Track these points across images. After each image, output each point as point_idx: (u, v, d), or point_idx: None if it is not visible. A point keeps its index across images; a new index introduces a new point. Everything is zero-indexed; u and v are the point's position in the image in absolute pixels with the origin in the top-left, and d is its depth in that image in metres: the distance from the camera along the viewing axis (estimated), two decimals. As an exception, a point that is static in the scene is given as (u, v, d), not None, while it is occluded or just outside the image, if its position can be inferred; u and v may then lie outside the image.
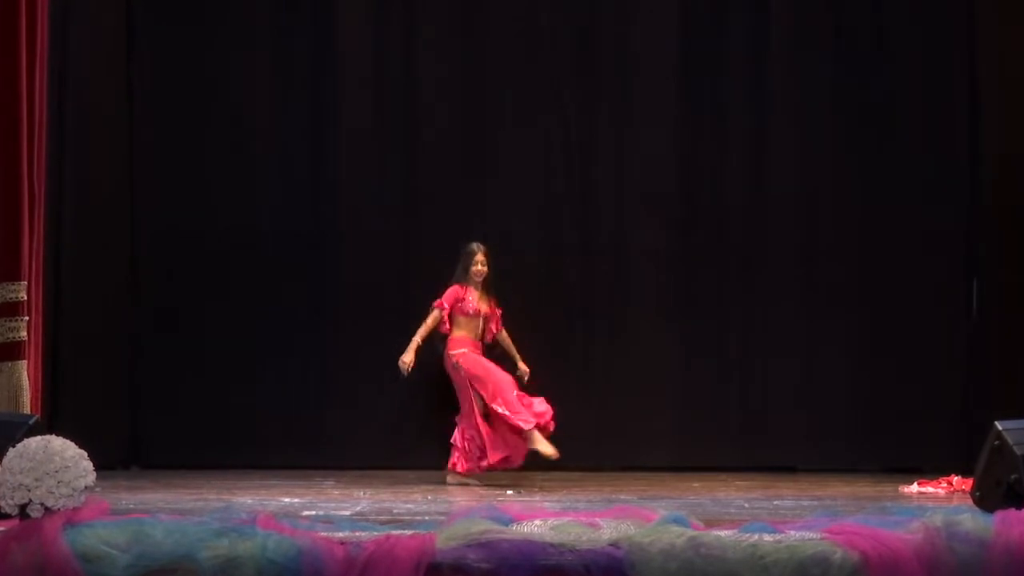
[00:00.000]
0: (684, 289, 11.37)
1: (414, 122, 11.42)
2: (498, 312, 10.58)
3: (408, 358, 10.26)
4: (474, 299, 10.44)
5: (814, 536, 6.25)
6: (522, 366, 10.53)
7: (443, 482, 10.28)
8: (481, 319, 10.48)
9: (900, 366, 11.19)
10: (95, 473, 6.49)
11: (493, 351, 10.58)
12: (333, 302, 11.33)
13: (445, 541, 6.17)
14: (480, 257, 10.45)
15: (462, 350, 10.36)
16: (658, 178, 11.37)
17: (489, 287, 10.52)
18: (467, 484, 10.19)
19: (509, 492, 9.78)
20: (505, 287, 10.69)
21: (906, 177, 11.24)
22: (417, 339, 10.32)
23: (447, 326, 10.42)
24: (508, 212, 11.31)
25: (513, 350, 10.60)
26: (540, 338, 10.85)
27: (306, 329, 11.28)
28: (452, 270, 10.52)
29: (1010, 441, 7.08)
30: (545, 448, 10.11)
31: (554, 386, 10.90)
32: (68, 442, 6.52)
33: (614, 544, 6.19)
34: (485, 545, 6.16)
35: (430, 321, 10.38)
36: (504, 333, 10.60)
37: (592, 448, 11.07)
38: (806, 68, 11.38)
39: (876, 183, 11.27)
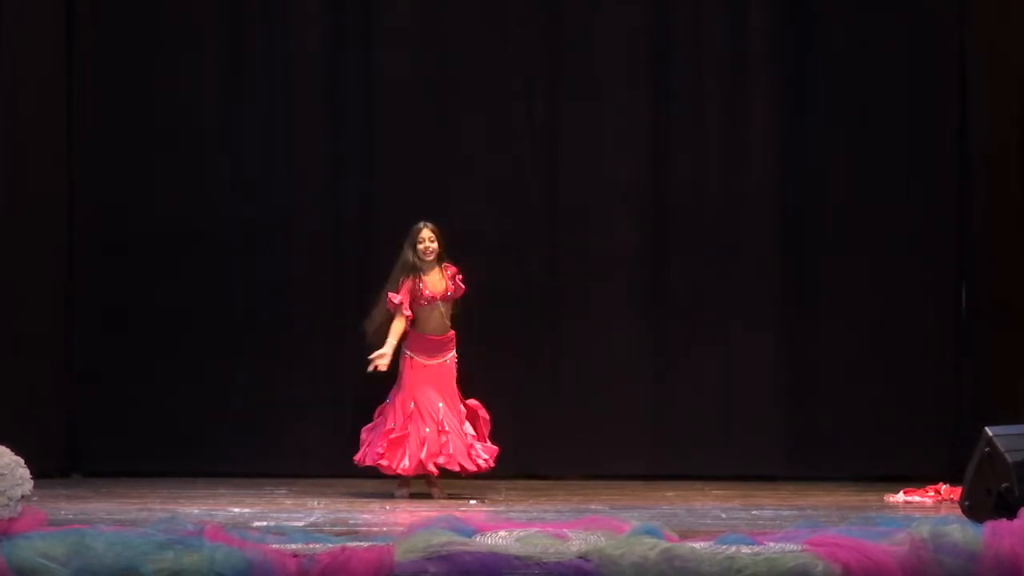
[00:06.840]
0: (658, 289, 11.37)
1: (371, 115, 11.38)
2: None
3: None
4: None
5: (794, 548, 6.29)
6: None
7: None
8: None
9: (886, 370, 11.21)
10: (32, 481, 6.50)
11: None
12: (284, 303, 11.30)
13: (404, 554, 6.19)
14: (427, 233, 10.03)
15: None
16: (630, 172, 11.37)
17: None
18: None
19: (472, 502, 9.79)
20: (469, 287, 10.69)
21: (892, 175, 11.25)
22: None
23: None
24: (472, 209, 11.28)
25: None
26: (506, 340, 10.86)
27: (255, 331, 11.26)
28: None
29: (1001, 448, 7.11)
30: None
31: (521, 390, 10.97)
32: (3, 448, 6.52)
33: (583, 557, 6.22)
34: (446, 558, 6.18)
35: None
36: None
37: (560, 456, 11.09)
38: (786, 59, 11.41)
39: (860, 181, 11.27)
